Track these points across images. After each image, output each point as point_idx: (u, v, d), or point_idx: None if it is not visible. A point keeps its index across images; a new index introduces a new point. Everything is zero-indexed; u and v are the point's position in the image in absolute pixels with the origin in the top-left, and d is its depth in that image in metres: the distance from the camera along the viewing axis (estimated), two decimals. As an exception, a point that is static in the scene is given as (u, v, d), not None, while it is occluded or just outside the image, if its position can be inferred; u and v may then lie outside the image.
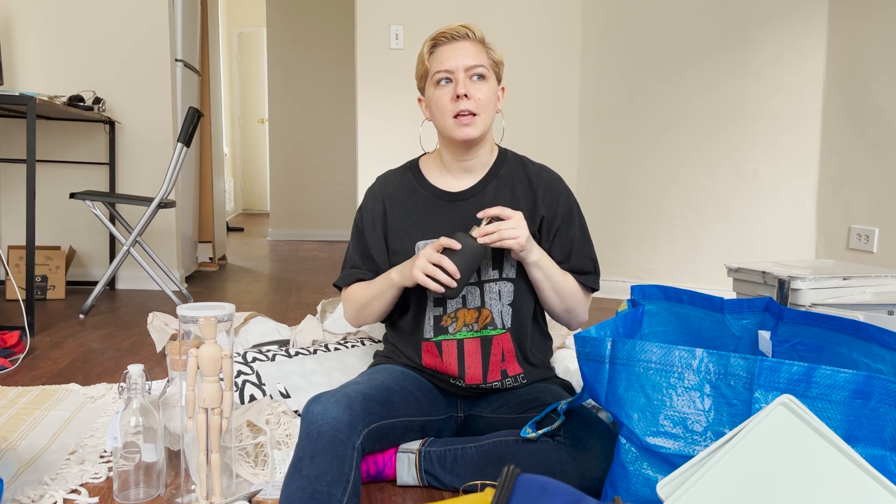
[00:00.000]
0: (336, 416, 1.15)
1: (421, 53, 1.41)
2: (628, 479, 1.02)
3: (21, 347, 2.35)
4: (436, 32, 1.39)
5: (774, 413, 0.87)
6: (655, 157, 3.33)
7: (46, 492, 1.29)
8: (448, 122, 1.36)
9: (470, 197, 1.43)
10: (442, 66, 1.35)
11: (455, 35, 1.36)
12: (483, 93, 1.35)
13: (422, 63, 1.40)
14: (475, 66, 1.35)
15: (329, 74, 6.15)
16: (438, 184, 1.45)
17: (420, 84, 1.44)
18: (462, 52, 1.35)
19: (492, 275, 1.39)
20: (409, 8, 3.46)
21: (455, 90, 1.34)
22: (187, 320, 1.19)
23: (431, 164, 1.48)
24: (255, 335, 2.11)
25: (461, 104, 1.34)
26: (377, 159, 3.50)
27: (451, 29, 1.37)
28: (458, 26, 1.37)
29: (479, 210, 1.39)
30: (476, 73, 1.35)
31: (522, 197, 1.43)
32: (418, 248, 1.40)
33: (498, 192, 1.43)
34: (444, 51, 1.36)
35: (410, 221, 1.43)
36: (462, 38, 1.36)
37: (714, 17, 3.13)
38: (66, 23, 3.45)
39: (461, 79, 1.34)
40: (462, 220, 1.40)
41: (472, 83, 1.35)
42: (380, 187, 1.49)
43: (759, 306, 1.29)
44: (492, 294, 1.39)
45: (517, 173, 1.45)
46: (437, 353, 1.40)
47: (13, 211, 3.53)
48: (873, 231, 2.74)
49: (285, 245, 5.86)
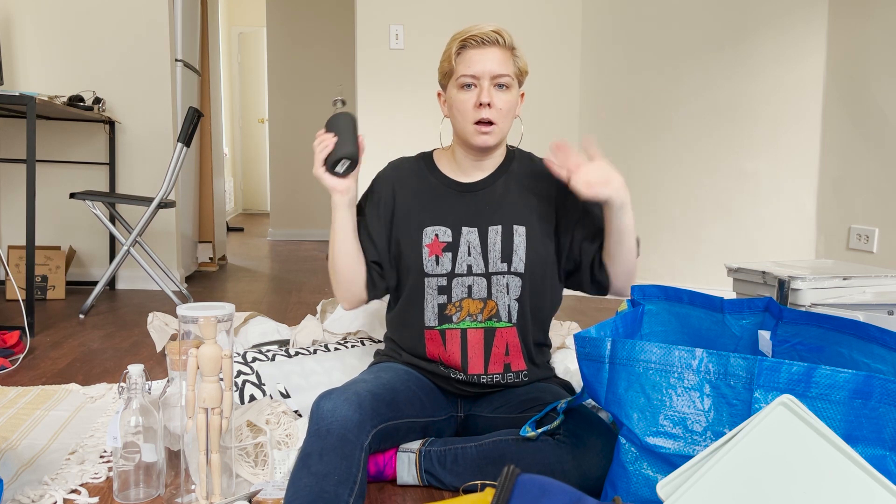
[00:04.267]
0: (346, 414, 1.15)
1: (448, 51, 1.38)
2: (628, 479, 1.02)
3: (21, 347, 2.35)
4: (466, 33, 1.35)
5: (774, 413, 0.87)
6: (655, 158, 3.33)
7: (46, 492, 1.29)
8: (468, 127, 1.36)
9: (480, 189, 1.43)
10: (468, 71, 1.33)
11: (486, 39, 1.33)
12: (505, 102, 1.34)
13: (448, 61, 1.38)
14: (501, 75, 1.33)
15: (329, 74, 6.15)
16: (449, 174, 1.46)
17: (442, 81, 1.42)
18: (490, 57, 1.33)
19: (500, 267, 1.39)
20: (409, 8, 3.46)
21: (479, 97, 1.33)
22: (187, 320, 1.19)
23: (443, 158, 1.48)
24: (255, 335, 2.11)
25: (483, 112, 1.33)
26: (377, 159, 3.50)
27: (482, 32, 1.34)
28: (490, 31, 1.34)
29: (488, 201, 1.41)
30: (501, 83, 1.34)
31: (533, 190, 1.43)
32: (426, 235, 1.40)
33: (508, 187, 1.43)
34: (472, 54, 1.34)
35: (419, 206, 1.43)
36: (492, 43, 1.34)
37: (714, 17, 3.13)
38: (66, 23, 3.45)
39: (486, 87, 1.32)
40: (471, 211, 1.41)
41: (495, 92, 1.33)
42: (391, 171, 1.48)
43: (759, 306, 1.29)
44: (499, 287, 1.39)
45: (526, 169, 1.46)
46: (440, 341, 1.39)
47: (13, 211, 3.53)
48: (873, 231, 2.74)
49: (285, 245, 5.86)
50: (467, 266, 1.39)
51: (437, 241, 1.40)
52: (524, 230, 1.39)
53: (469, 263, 1.39)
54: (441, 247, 1.39)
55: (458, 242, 1.39)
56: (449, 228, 1.40)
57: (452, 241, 1.39)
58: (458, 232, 1.40)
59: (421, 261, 1.39)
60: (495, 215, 1.40)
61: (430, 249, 1.39)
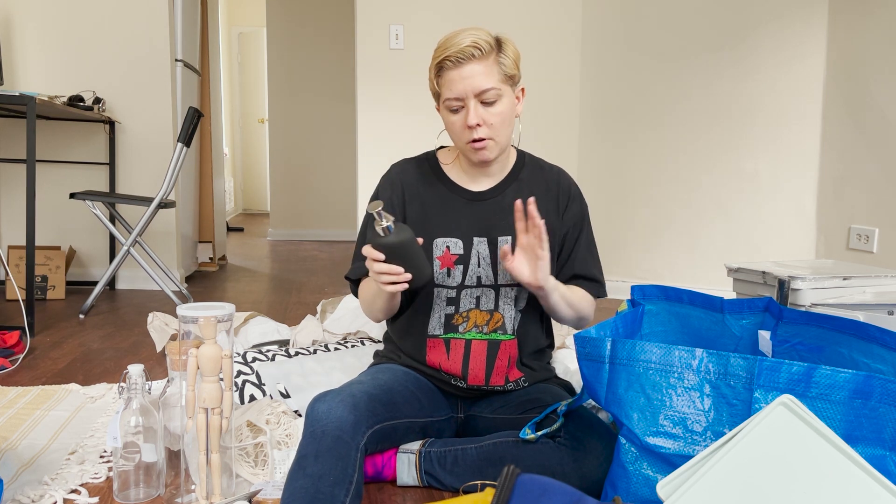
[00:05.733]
0: (341, 415, 1.15)
1: (430, 73, 1.34)
2: (628, 479, 1.02)
3: (21, 347, 2.35)
4: (442, 52, 1.28)
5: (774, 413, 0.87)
6: (655, 157, 3.33)
7: (46, 492, 1.29)
8: (463, 147, 1.34)
9: (489, 198, 1.41)
10: (451, 94, 1.28)
11: (461, 57, 1.26)
12: (496, 116, 1.29)
13: (432, 84, 1.35)
14: (486, 90, 1.27)
15: (329, 74, 6.15)
16: (457, 180, 1.42)
17: (435, 100, 1.38)
18: (470, 75, 1.26)
19: (509, 279, 1.38)
20: (409, 8, 3.46)
21: (466, 120, 1.28)
22: (187, 320, 1.19)
23: (449, 160, 1.45)
24: (255, 335, 2.11)
25: (475, 132, 1.29)
26: (377, 159, 3.50)
27: (456, 50, 1.26)
28: (464, 46, 1.25)
29: (497, 212, 1.39)
30: (487, 97, 1.28)
31: (541, 202, 1.42)
32: (436, 246, 1.38)
33: (518, 196, 1.41)
34: (451, 76, 1.27)
35: (428, 216, 1.40)
36: (468, 59, 1.26)
37: (715, 17, 3.13)
38: (66, 23, 3.45)
39: (472, 106, 1.27)
40: (480, 221, 1.39)
41: (483, 108, 1.28)
42: (397, 175, 1.44)
43: (759, 306, 1.29)
44: (507, 299, 1.39)
45: (535, 178, 1.44)
46: (444, 350, 1.39)
47: (13, 211, 3.53)
48: (873, 231, 2.74)
49: (285, 245, 5.86)
50: (477, 277, 1.38)
51: (448, 253, 1.38)
52: None
53: (479, 275, 1.38)
54: (453, 259, 1.38)
55: (469, 254, 1.38)
56: (460, 240, 1.38)
57: (464, 252, 1.38)
58: (470, 242, 1.38)
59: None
60: (505, 226, 1.39)
61: (441, 262, 1.38)
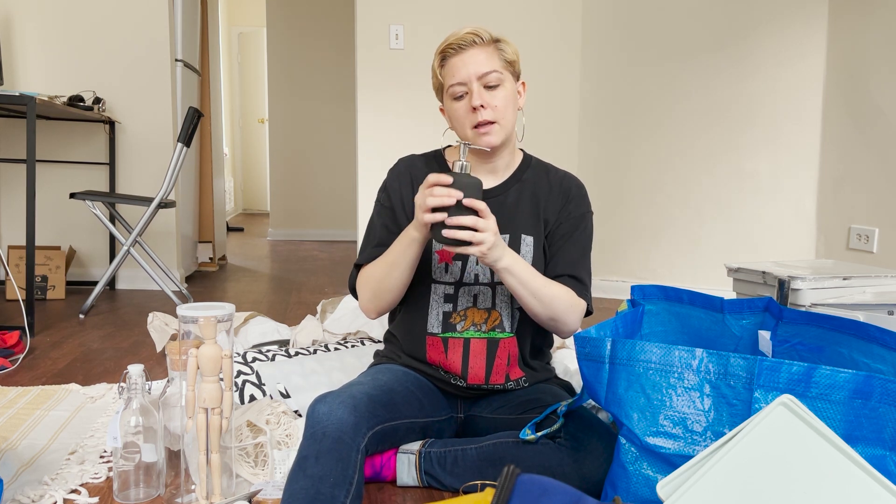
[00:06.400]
0: (341, 416, 1.15)
1: (433, 67, 1.39)
2: (628, 479, 1.02)
3: (21, 347, 2.35)
4: (443, 44, 1.35)
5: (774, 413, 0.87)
6: (655, 157, 3.33)
7: (46, 492, 1.29)
8: (468, 132, 1.35)
9: (493, 197, 1.41)
10: (454, 79, 1.33)
11: (462, 44, 1.33)
12: (500, 99, 1.33)
13: (435, 77, 1.39)
14: (487, 73, 1.32)
15: (329, 74, 6.15)
16: None
17: (438, 96, 1.42)
18: (472, 60, 1.32)
19: None
20: (409, 8, 3.46)
21: (470, 102, 1.32)
22: (187, 320, 1.19)
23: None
24: (255, 335, 2.11)
25: (479, 115, 1.32)
26: (377, 159, 3.50)
27: (457, 38, 1.33)
28: (465, 33, 1.33)
29: (500, 209, 1.39)
30: (490, 80, 1.33)
31: (544, 203, 1.42)
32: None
33: (520, 196, 1.42)
34: (454, 62, 1.34)
35: None
36: (469, 45, 1.33)
37: (714, 17, 3.13)
38: (66, 23, 3.45)
39: (475, 89, 1.32)
40: None
41: (487, 92, 1.32)
42: (405, 168, 1.46)
43: (759, 306, 1.29)
44: (503, 297, 1.39)
45: (540, 180, 1.44)
46: (442, 349, 1.39)
47: (13, 211, 3.53)
48: (873, 231, 2.74)
49: (285, 245, 5.86)
50: (475, 275, 1.38)
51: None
52: (532, 240, 1.39)
53: (476, 273, 1.38)
54: (451, 254, 1.38)
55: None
56: None
57: None
58: None
59: (430, 266, 1.38)
60: (506, 224, 1.39)
61: (440, 256, 1.38)
